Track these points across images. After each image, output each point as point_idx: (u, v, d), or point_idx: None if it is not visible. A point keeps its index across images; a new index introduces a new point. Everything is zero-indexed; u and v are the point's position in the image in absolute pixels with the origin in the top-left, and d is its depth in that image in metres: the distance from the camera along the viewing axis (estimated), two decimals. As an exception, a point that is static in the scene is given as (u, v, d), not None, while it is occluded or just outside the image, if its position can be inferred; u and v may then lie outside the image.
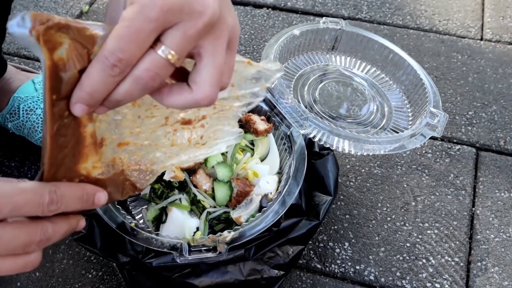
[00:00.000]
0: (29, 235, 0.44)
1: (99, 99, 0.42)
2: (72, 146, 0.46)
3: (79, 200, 0.47)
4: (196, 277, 0.77)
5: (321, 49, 1.03)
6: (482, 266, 0.93)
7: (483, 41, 1.40)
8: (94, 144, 0.48)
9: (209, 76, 0.44)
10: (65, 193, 0.46)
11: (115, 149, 0.51)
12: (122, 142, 0.52)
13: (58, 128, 0.43)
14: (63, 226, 0.48)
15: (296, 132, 0.85)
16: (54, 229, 0.46)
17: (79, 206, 0.47)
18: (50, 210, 0.44)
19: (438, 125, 0.85)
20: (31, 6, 1.49)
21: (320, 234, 0.97)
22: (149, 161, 0.56)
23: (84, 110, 0.43)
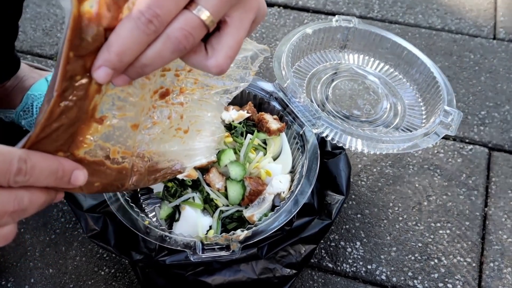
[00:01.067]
0: (1, 204, 0.39)
1: (127, 62, 0.40)
2: (74, 115, 0.42)
3: (52, 175, 0.42)
4: (209, 275, 0.77)
5: (334, 47, 1.03)
6: (495, 266, 0.92)
7: (495, 40, 1.39)
8: (93, 119, 0.44)
9: (228, 45, 0.44)
10: (37, 164, 0.40)
11: (109, 132, 0.47)
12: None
13: (64, 90, 0.40)
14: (40, 196, 0.42)
15: (308, 131, 0.85)
16: (30, 198, 0.41)
17: (51, 182, 0.42)
18: (16, 181, 0.39)
19: (452, 123, 0.84)
20: (44, 4, 1.49)
21: (331, 233, 0.97)
22: (134, 145, 0.52)
23: (108, 75, 0.40)
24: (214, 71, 0.44)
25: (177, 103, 0.56)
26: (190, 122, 0.59)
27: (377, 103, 0.95)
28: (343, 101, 0.95)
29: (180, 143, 0.59)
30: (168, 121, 0.56)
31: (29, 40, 1.38)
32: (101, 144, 0.46)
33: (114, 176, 0.50)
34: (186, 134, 0.59)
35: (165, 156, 0.58)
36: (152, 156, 0.55)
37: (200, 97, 0.59)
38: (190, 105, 0.58)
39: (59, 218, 0.99)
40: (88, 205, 0.82)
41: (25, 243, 0.95)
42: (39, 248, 0.95)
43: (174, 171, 0.60)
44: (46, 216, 0.99)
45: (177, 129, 0.58)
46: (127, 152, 0.50)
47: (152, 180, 0.57)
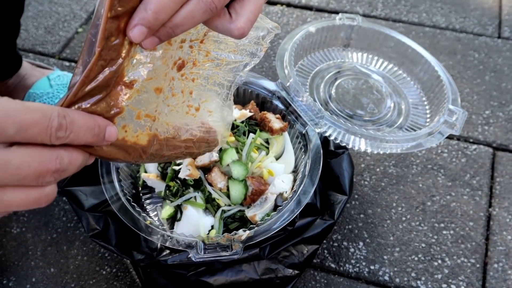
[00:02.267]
0: (42, 162, 0.39)
1: (162, 21, 0.42)
2: (108, 76, 0.44)
3: (90, 131, 0.42)
4: (211, 276, 0.77)
5: (337, 46, 1.02)
6: (499, 267, 0.92)
7: (500, 39, 1.38)
8: (123, 83, 0.46)
9: (250, 10, 0.47)
10: (76, 120, 0.41)
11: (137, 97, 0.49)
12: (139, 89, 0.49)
13: (102, 49, 0.42)
14: (78, 156, 0.43)
15: (311, 130, 0.84)
16: (70, 158, 0.41)
17: (89, 138, 0.43)
18: (58, 137, 0.39)
19: (457, 122, 0.83)
20: (46, 2, 1.49)
21: (334, 233, 0.96)
22: (156, 109, 0.53)
23: (143, 34, 0.42)
24: (236, 34, 0.47)
25: (190, 78, 0.58)
26: (201, 100, 0.61)
27: (381, 102, 0.95)
28: (346, 100, 0.94)
29: (193, 122, 0.61)
30: (182, 94, 0.57)
31: (31, 38, 1.38)
32: (131, 109, 0.48)
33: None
34: (197, 112, 0.61)
35: (180, 134, 0.59)
36: (170, 129, 0.57)
37: (211, 73, 0.60)
38: (201, 82, 0.60)
39: (60, 217, 0.99)
40: (89, 205, 0.81)
41: (27, 242, 0.95)
42: (41, 247, 0.94)
43: (186, 153, 0.62)
44: (48, 215, 0.99)
45: (188, 106, 0.59)
46: (150, 115, 0.52)
47: (167, 156, 0.58)
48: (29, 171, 0.38)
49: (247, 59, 0.63)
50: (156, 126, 0.53)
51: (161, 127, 0.55)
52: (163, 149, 0.56)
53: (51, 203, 1.00)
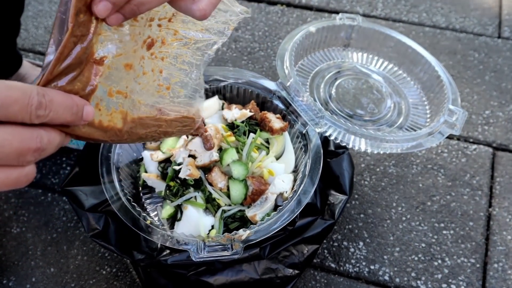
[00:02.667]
0: (23, 141, 0.39)
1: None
2: (80, 53, 0.44)
3: (68, 110, 0.43)
4: (211, 275, 0.77)
5: (337, 46, 1.02)
6: (499, 267, 0.92)
7: (500, 39, 1.38)
8: (94, 60, 0.47)
9: None
10: (55, 99, 0.41)
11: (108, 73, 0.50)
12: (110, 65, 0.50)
13: (74, 25, 0.43)
14: (56, 136, 0.43)
15: (312, 130, 0.84)
16: (49, 138, 0.42)
17: (68, 117, 0.43)
18: (38, 116, 0.39)
19: (457, 122, 0.83)
20: (46, 2, 1.49)
21: (334, 233, 0.96)
22: (128, 85, 0.55)
23: (108, 9, 0.43)
24: (198, 15, 0.49)
25: (160, 57, 0.59)
26: (171, 79, 0.62)
27: (381, 102, 0.95)
28: (346, 100, 0.94)
29: (165, 101, 0.62)
30: (152, 73, 0.59)
31: (31, 38, 1.38)
32: (103, 85, 0.49)
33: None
34: (168, 91, 0.62)
35: (152, 112, 0.60)
36: (142, 107, 0.58)
37: (179, 52, 0.62)
38: (170, 61, 0.61)
39: (60, 217, 0.98)
40: (89, 204, 0.81)
41: (27, 242, 0.95)
42: (41, 247, 0.94)
43: (160, 132, 0.62)
44: (48, 215, 0.99)
45: (159, 85, 0.61)
46: (121, 91, 0.53)
47: (142, 135, 0.59)
48: (10, 150, 0.38)
49: (215, 37, 0.65)
50: (128, 104, 0.54)
51: (133, 105, 0.56)
52: (137, 127, 0.57)
53: (52, 202, 1.00)
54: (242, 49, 1.35)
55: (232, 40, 1.38)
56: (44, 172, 1.06)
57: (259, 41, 1.37)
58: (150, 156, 0.84)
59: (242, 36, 1.39)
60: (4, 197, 1.02)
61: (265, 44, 1.36)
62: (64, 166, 1.07)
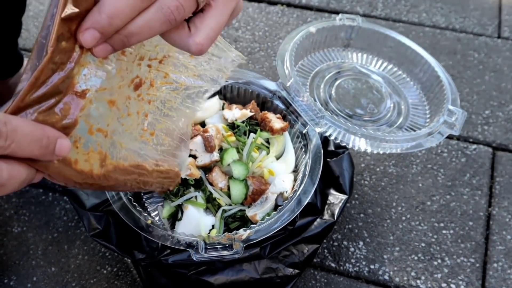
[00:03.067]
0: None
1: (116, 27, 0.39)
2: (58, 81, 0.40)
3: (36, 142, 0.37)
4: (212, 275, 0.77)
5: (337, 46, 1.02)
6: (499, 267, 0.92)
7: (500, 39, 1.38)
8: (75, 92, 0.42)
9: (210, 26, 0.44)
10: (19, 129, 0.35)
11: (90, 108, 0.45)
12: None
13: (54, 51, 0.39)
14: (21, 171, 0.37)
15: (312, 130, 0.84)
16: (10, 172, 0.36)
17: (35, 150, 0.37)
18: None
19: (456, 122, 0.84)
20: (47, 2, 1.49)
21: (334, 233, 0.96)
22: (109, 123, 0.49)
23: (95, 39, 0.39)
24: (194, 49, 0.45)
25: (146, 99, 0.55)
26: (157, 125, 0.57)
27: (381, 102, 0.95)
28: (346, 100, 0.94)
29: (147, 148, 0.57)
30: (137, 116, 0.54)
31: (32, 38, 1.38)
32: (84, 121, 0.45)
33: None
34: (152, 137, 0.58)
35: (133, 158, 0.55)
36: (122, 151, 0.53)
37: (168, 97, 0.57)
38: (157, 105, 0.56)
39: (61, 217, 0.99)
40: (90, 204, 0.82)
41: (28, 242, 0.95)
42: (42, 246, 0.95)
43: (140, 181, 0.57)
44: (49, 215, 0.99)
45: (143, 129, 0.56)
46: (102, 129, 0.48)
47: (121, 181, 0.54)
48: None
49: (208, 85, 0.61)
50: (108, 145, 0.50)
51: (113, 147, 0.51)
52: (116, 172, 0.52)
53: (53, 201, 1.01)
54: (243, 49, 1.35)
55: (232, 40, 1.38)
56: (45, 172, 1.06)
57: (259, 41, 1.38)
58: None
59: (243, 36, 1.39)
60: (5, 197, 1.02)
61: (265, 44, 1.37)
62: (65, 166, 1.07)
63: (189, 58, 0.58)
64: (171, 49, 0.55)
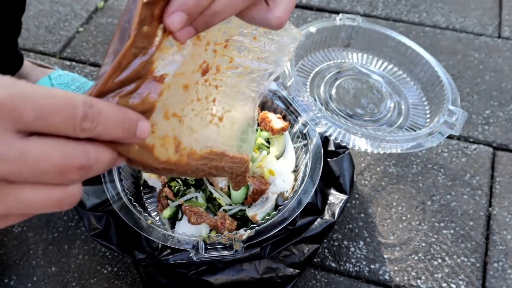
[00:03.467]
0: (66, 156, 0.34)
1: (203, 7, 0.39)
2: (139, 67, 0.40)
3: (119, 125, 0.37)
4: (212, 275, 0.77)
5: (337, 46, 1.02)
6: (499, 267, 0.92)
7: (500, 39, 1.38)
8: (153, 77, 0.42)
9: (287, 0, 0.46)
10: (104, 111, 0.36)
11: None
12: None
13: (136, 35, 0.39)
14: (106, 153, 0.37)
15: (312, 130, 0.84)
16: (97, 154, 0.36)
17: (118, 132, 0.37)
18: (83, 129, 0.34)
19: (457, 123, 0.84)
20: (47, 2, 1.49)
21: (335, 232, 0.96)
22: (183, 108, 0.49)
23: (182, 22, 0.39)
24: (274, 23, 0.46)
25: (214, 85, 0.55)
26: (224, 109, 0.58)
27: (381, 102, 0.95)
28: (346, 100, 0.94)
29: (216, 133, 0.57)
30: (205, 101, 0.54)
31: (32, 37, 1.38)
32: (161, 106, 0.44)
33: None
34: (221, 123, 0.58)
35: (204, 144, 0.55)
36: (193, 137, 0.53)
37: (234, 82, 0.57)
38: (224, 90, 0.56)
39: (61, 217, 0.99)
40: (91, 204, 0.82)
41: (28, 241, 0.95)
42: (42, 246, 0.95)
43: (211, 166, 0.57)
44: (49, 214, 0.99)
45: (212, 114, 0.56)
46: (177, 114, 0.48)
47: (193, 166, 0.53)
48: (49, 165, 0.33)
49: (272, 67, 0.60)
50: (181, 130, 0.49)
51: (186, 133, 0.51)
52: (189, 158, 0.51)
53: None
54: (243, 49, 1.35)
55: (232, 40, 1.38)
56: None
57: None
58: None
59: (243, 36, 1.39)
60: (6, 197, 1.02)
61: (266, 44, 1.36)
62: (65, 165, 1.07)
63: (252, 41, 0.57)
64: (234, 32, 0.55)
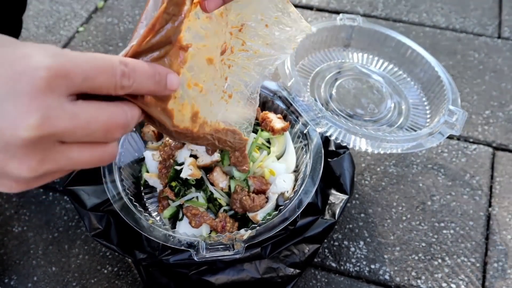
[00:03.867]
0: (111, 116, 0.38)
1: None
2: (170, 32, 0.44)
3: (151, 79, 0.41)
4: (213, 275, 0.77)
5: (338, 46, 1.03)
6: (499, 267, 0.92)
7: (500, 39, 1.38)
8: (180, 45, 0.46)
9: None
10: (137, 68, 0.40)
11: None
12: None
13: (169, 1, 0.43)
14: (136, 112, 0.42)
15: (312, 130, 0.85)
16: (132, 113, 0.41)
17: (151, 86, 0.41)
18: (123, 86, 0.38)
19: (457, 123, 0.84)
20: (47, 1, 1.49)
21: (335, 232, 0.96)
22: (205, 80, 0.54)
23: None
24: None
25: (227, 64, 0.59)
26: (234, 88, 0.62)
27: (381, 102, 0.95)
28: (347, 100, 0.94)
29: (224, 109, 0.61)
30: (220, 78, 0.58)
31: (31, 37, 1.38)
32: (184, 73, 0.48)
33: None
34: (230, 99, 0.62)
35: (215, 117, 0.60)
36: (211, 109, 0.57)
37: (244, 63, 0.62)
38: (235, 70, 0.61)
39: (62, 216, 0.99)
40: (91, 204, 0.82)
41: (28, 241, 0.95)
42: (42, 246, 0.95)
43: (215, 138, 0.61)
44: (49, 214, 0.99)
45: (223, 91, 0.60)
46: (198, 84, 0.51)
47: (201, 136, 0.57)
48: (98, 126, 0.37)
49: (278, 53, 0.64)
50: (200, 101, 0.53)
51: (205, 103, 0.54)
52: (201, 127, 0.55)
53: (53, 201, 1.01)
54: (243, 49, 1.35)
55: (232, 40, 1.38)
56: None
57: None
58: (151, 156, 0.85)
59: (243, 36, 1.39)
60: (6, 196, 1.02)
61: (266, 44, 1.36)
62: (65, 165, 1.07)
63: (264, 28, 0.62)
64: (249, 18, 0.60)
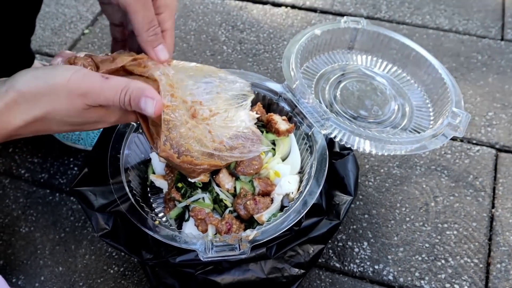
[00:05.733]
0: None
1: None
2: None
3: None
4: (218, 274, 0.78)
5: (342, 48, 1.03)
6: (502, 268, 0.93)
7: (503, 41, 1.39)
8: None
9: None
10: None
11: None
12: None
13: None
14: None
15: (317, 132, 0.85)
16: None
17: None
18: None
19: (460, 125, 0.84)
20: (53, 4, 1.50)
21: (339, 233, 0.97)
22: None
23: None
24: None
25: (205, 123, 0.69)
26: (223, 135, 0.70)
27: (385, 104, 0.96)
28: (351, 102, 0.95)
29: (222, 154, 0.70)
30: (204, 130, 0.68)
31: (38, 39, 1.39)
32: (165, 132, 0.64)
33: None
34: (222, 145, 0.71)
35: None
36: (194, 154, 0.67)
37: (221, 120, 0.71)
38: (215, 123, 0.70)
39: (68, 217, 1.00)
40: (98, 205, 0.83)
41: (35, 242, 0.96)
42: (49, 246, 0.96)
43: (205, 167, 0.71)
44: (56, 215, 1.00)
45: (212, 141, 0.69)
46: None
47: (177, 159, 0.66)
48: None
49: (243, 85, 0.76)
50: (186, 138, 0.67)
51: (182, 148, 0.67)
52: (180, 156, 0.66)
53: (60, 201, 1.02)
54: (247, 50, 1.36)
55: (237, 42, 1.39)
56: (52, 172, 1.07)
57: (264, 42, 1.39)
58: (158, 157, 0.85)
59: (247, 38, 1.40)
60: (13, 197, 1.03)
61: (270, 46, 1.38)
62: (72, 166, 1.08)
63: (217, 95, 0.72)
64: (201, 95, 0.70)
